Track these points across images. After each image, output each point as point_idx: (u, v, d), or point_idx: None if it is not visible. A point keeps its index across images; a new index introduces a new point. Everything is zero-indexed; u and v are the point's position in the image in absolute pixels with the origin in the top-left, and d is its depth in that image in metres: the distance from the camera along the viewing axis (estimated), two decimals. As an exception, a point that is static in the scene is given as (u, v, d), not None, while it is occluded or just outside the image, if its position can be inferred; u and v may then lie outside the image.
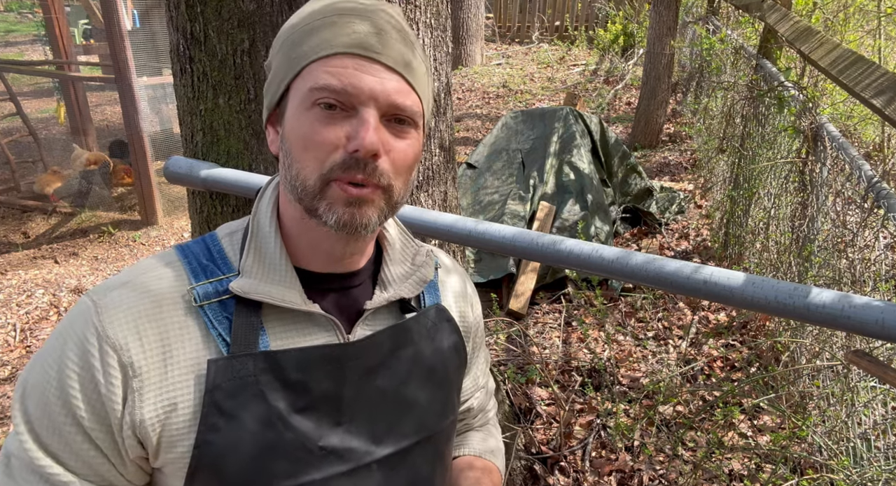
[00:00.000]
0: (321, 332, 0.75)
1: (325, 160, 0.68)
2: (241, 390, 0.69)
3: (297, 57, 0.71)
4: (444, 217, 1.41)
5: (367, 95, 0.68)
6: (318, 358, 0.73)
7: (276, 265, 0.74)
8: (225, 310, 0.72)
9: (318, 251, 0.76)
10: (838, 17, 3.46)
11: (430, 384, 0.82)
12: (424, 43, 1.53)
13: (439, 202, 1.69)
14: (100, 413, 0.67)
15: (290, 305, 0.72)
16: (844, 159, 2.18)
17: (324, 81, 0.68)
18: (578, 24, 10.54)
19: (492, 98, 7.86)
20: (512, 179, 4.08)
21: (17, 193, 5.28)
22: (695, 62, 6.10)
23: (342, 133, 0.68)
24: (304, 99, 0.69)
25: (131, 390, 0.67)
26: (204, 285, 0.72)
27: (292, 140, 0.71)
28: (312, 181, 0.69)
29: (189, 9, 1.44)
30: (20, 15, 13.62)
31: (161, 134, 5.73)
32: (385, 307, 0.81)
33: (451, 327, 0.87)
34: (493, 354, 2.96)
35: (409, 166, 0.73)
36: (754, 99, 3.39)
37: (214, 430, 0.68)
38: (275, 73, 0.74)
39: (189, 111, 1.57)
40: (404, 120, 0.71)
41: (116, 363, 0.67)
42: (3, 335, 3.48)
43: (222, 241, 0.78)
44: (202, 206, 1.64)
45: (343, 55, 0.69)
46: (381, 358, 0.78)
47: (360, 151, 0.67)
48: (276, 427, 0.70)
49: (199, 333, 0.71)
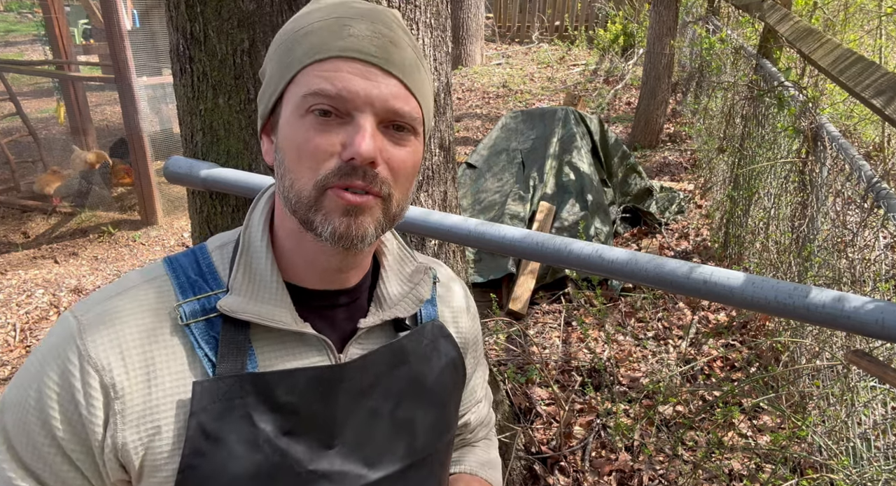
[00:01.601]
0: (312, 352, 0.72)
1: (319, 169, 0.65)
2: (228, 413, 0.66)
3: (290, 62, 0.68)
4: (447, 218, 1.41)
5: (362, 101, 0.65)
6: (308, 380, 0.70)
7: (267, 283, 0.71)
8: (212, 329, 0.69)
9: (312, 267, 0.73)
10: (838, 17, 3.46)
11: (425, 404, 0.80)
12: (424, 43, 1.53)
13: (439, 202, 1.69)
14: (80, 435, 0.65)
15: (280, 325, 0.69)
16: (844, 159, 2.18)
17: (317, 87, 0.65)
18: (578, 24, 10.54)
19: (492, 98, 7.86)
20: (512, 180, 4.08)
21: (17, 193, 5.28)
22: (695, 62, 6.10)
23: (337, 140, 0.65)
24: (298, 106, 0.66)
25: (113, 413, 0.65)
26: (191, 302, 0.70)
27: (286, 149, 0.68)
28: (308, 191, 0.66)
29: (189, 9, 1.44)
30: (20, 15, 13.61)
31: (161, 134, 5.73)
32: (380, 328, 0.78)
33: (448, 343, 0.84)
34: (493, 354, 2.96)
35: (408, 176, 0.70)
36: (754, 99, 3.39)
37: (199, 454, 0.66)
38: (268, 81, 0.71)
39: (189, 111, 1.57)
40: (403, 127, 0.68)
41: (98, 384, 0.65)
42: (3, 335, 3.48)
43: (212, 254, 0.75)
44: (202, 206, 1.64)
45: (337, 59, 0.65)
46: (374, 379, 0.75)
47: (355, 158, 0.64)
48: (264, 451, 0.67)
49: (184, 352, 0.68)
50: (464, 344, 0.91)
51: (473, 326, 0.93)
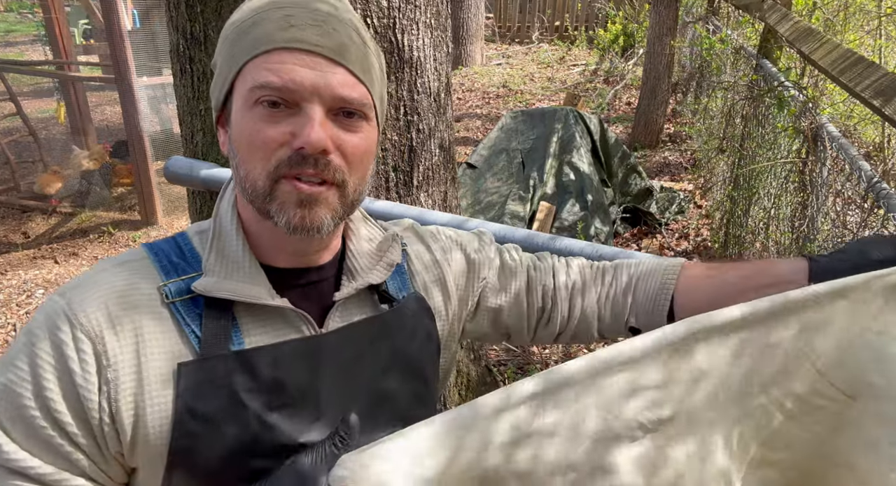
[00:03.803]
0: (293, 327, 0.73)
1: (270, 159, 0.66)
2: (214, 393, 0.67)
3: (236, 54, 0.68)
4: (441, 218, 1.41)
5: (309, 91, 0.65)
6: (291, 353, 0.71)
7: (240, 262, 0.72)
8: (197, 307, 0.70)
9: (280, 250, 0.74)
10: (838, 17, 3.46)
11: (407, 376, 0.80)
12: (424, 43, 1.53)
13: (439, 202, 1.69)
14: (75, 406, 0.64)
15: (256, 300, 0.70)
16: (844, 159, 2.18)
17: (263, 79, 0.65)
18: (578, 24, 10.54)
19: (492, 98, 7.86)
20: (512, 180, 4.08)
21: (17, 193, 5.27)
22: (695, 62, 6.09)
23: (287, 130, 0.66)
24: (247, 98, 0.67)
25: (106, 381, 0.65)
26: (176, 282, 0.70)
27: (238, 141, 0.69)
28: (262, 182, 0.67)
29: (189, 9, 1.44)
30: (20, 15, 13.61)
31: (161, 134, 5.72)
32: (359, 298, 0.79)
33: (427, 316, 0.85)
34: (493, 354, 2.96)
35: (363, 160, 0.71)
36: (754, 99, 3.39)
37: (189, 435, 0.66)
38: (219, 73, 0.72)
39: (189, 111, 1.57)
40: (353, 112, 0.69)
41: (91, 351, 0.65)
42: (3, 335, 3.48)
43: (193, 239, 0.76)
44: (202, 206, 1.64)
45: (282, 50, 0.66)
46: (356, 350, 0.76)
47: (305, 148, 0.65)
48: (253, 428, 0.68)
49: (173, 329, 0.69)
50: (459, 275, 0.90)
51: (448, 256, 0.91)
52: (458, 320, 0.92)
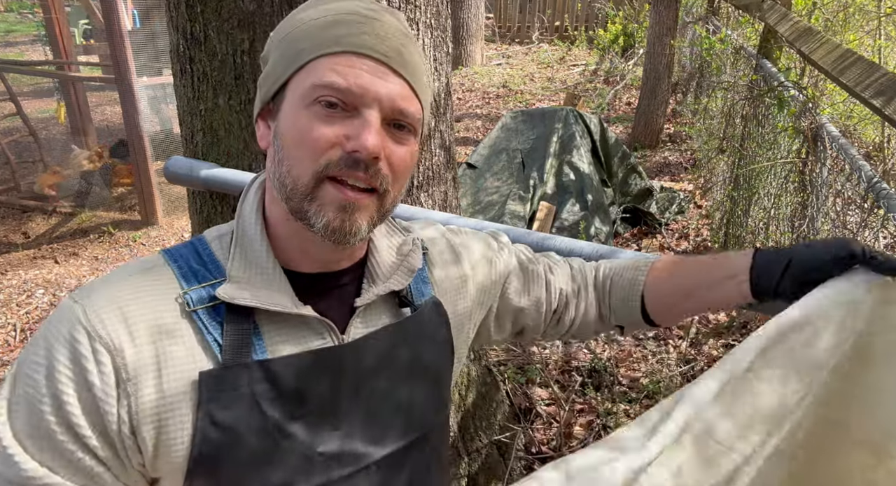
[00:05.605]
0: (315, 335, 0.72)
1: (320, 158, 0.66)
2: (236, 402, 0.66)
3: (300, 51, 0.68)
4: (441, 217, 1.41)
5: (371, 97, 0.66)
6: (313, 363, 0.70)
7: (264, 268, 0.71)
8: (218, 314, 0.69)
9: (306, 254, 0.74)
10: (838, 17, 3.46)
11: (424, 382, 0.81)
12: (424, 43, 1.53)
13: (439, 202, 1.69)
14: (95, 420, 0.63)
15: (280, 308, 0.69)
16: (844, 159, 2.18)
17: (329, 79, 0.66)
18: (578, 25, 10.54)
19: (492, 98, 7.86)
20: (512, 180, 4.08)
21: (17, 193, 5.27)
22: (695, 62, 6.10)
23: (341, 132, 0.66)
24: (305, 95, 0.67)
25: (126, 395, 0.64)
26: (197, 289, 0.69)
27: (287, 135, 0.68)
28: (305, 179, 0.67)
29: (189, 9, 1.45)
30: (20, 15, 13.61)
31: (161, 134, 5.73)
32: (380, 303, 0.79)
33: (443, 323, 0.85)
34: (493, 354, 2.96)
35: (405, 174, 0.72)
36: (754, 99, 3.39)
37: (210, 443, 0.66)
38: (273, 67, 0.72)
39: (189, 111, 1.57)
40: (404, 126, 0.70)
41: (110, 364, 0.63)
42: (3, 335, 3.48)
43: (212, 244, 0.74)
44: (202, 206, 1.64)
45: (352, 54, 0.67)
46: (376, 359, 0.76)
47: (360, 152, 0.65)
48: (273, 437, 0.68)
49: (193, 337, 0.68)
50: (480, 287, 0.90)
51: (470, 259, 0.91)
52: (474, 325, 0.93)
